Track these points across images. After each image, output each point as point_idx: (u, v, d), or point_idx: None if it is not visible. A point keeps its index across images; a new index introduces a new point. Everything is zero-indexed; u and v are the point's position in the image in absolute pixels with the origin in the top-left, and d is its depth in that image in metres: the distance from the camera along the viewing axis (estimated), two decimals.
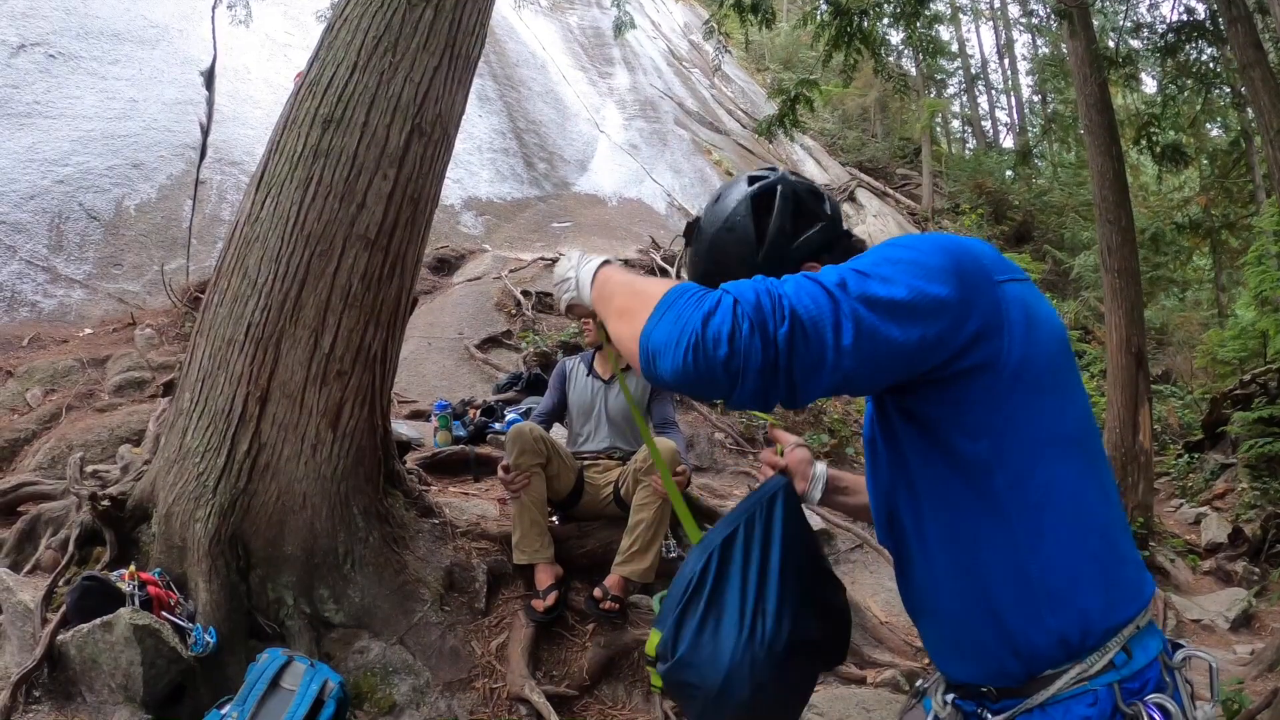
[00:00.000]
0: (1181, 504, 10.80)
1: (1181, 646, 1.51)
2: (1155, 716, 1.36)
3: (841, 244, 1.77)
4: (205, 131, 11.37)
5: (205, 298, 4.37)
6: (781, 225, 1.73)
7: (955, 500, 1.45)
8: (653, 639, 1.75)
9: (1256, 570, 8.49)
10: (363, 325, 4.17)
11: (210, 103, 11.82)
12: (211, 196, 10.69)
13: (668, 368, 1.27)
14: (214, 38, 12.64)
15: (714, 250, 1.76)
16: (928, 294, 1.28)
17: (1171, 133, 12.77)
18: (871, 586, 5.90)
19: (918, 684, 1.84)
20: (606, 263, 1.64)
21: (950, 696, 1.60)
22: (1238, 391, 11.62)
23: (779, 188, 1.77)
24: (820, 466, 2.12)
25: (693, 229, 1.85)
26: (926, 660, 5.11)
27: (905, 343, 1.27)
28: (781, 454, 2.10)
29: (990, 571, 1.44)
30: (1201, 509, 10.22)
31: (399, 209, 4.24)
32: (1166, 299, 21.24)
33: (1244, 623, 7.34)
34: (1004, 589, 1.43)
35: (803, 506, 1.85)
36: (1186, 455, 12.31)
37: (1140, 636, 1.43)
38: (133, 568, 3.76)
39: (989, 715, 1.50)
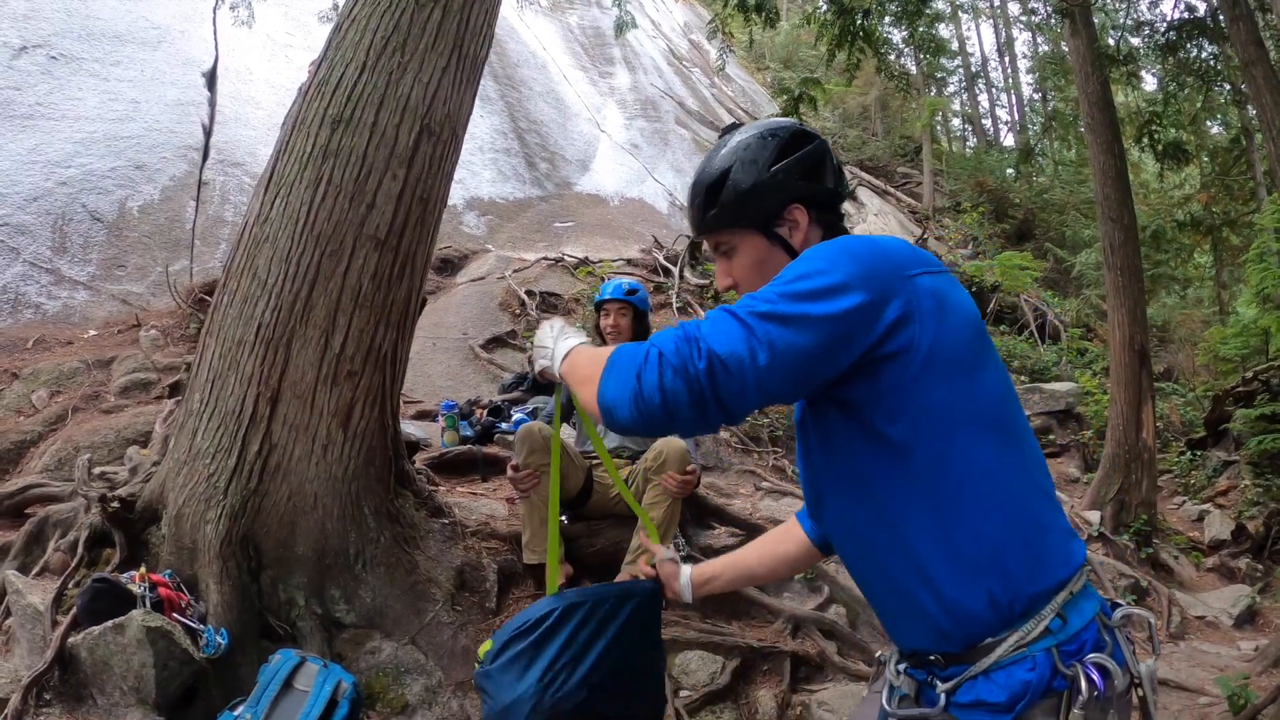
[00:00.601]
0: (1184, 501, 10.77)
1: (1119, 606, 1.62)
2: (1094, 676, 1.47)
3: (828, 208, 1.88)
4: (208, 133, 11.38)
5: (214, 298, 4.36)
6: (796, 165, 1.81)
7: (880, 479, 1.57)
8: (486, 645, 2.16)
9: (1260, 567, 8.47)
10: (373, 325, 4.16)
11: (212, 104, 11.82)
12: (214, 198, 10.69)
13: (621, 418, 1.50)
14: (215, 39, 12.64)
15: (730, 156, 1.84)
16: (834, 304, 1.45)
17: (1172, 130, 12.76)
18: None
19: (879, 655, 1.92)
20: (582, 343, 1.81)
21: (903, 666, 1.72)
22: (1240, 389, 11.58)
23: (817, 140, 1.87)
24: (685, 572, 2.29)
25: (733, 128, 1.94)
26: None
27: (817, 352, 1.46)
28: (654, 565, 2.35)
29: (919, 545, 1.55)
30: (1204, 506, 10.18)
31: (409, 209, 4.23)
32: (1168, 296, 21.23)
33: (1248, 619, 7.34)
34: (934, 561, 1.54)
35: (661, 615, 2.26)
36: (1189, 453, 12.26)
37: (1074, 601, 1.54)
38: (143, 569, 3.74)
39: (938, 682, 1.60)
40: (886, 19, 10.44)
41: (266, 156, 4.65)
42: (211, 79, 12.14)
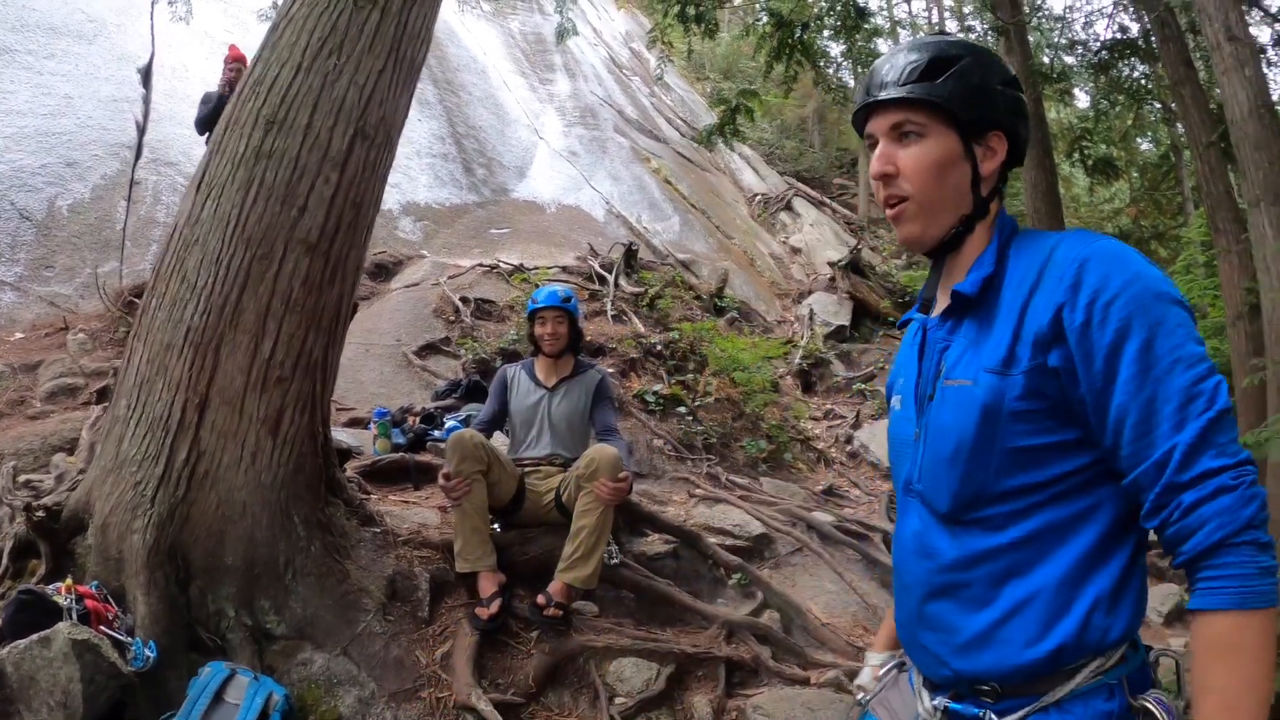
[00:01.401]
0: None
1: (1150, 648, 1.55)
2: (1163, 711, 1.42)
3: (1013, 161, 1.72)
4: (141, 130, 11.14)
5: (143, 301, 4.28)
6: (1018, 101, 1.69)
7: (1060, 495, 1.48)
8: None
9: None
10: (303, 331, 4.12)
11: (147, 101, 11.58)
12: (146, 197, 10.46)
13: None
14: (153, 34, 12.39)
15: (962, 47, 1.66)
16: None
17: (1103, 146, 13.05)
18: (812, 589, 5.95)
19: (879, 662, 1.97)
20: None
21: (940, 701, 1.61)
22: None
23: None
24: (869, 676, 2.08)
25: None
26: None
27: None
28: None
29: (1059, 566, 1.46)
30: None
31: (341, 213, 4.20)
32: None
33: (1177, 617, 7.53)
34: (1065, 585, 1.45)
35: None
36: None
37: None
38: (69, 580, 3.65)
39: (992, 715, 1.51)
40: (825, 32, 10.56)
41: (200, 156, 4.58)
42: (147, 75, 11.91)
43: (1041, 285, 1.47)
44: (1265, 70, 7.91)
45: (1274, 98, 8.41)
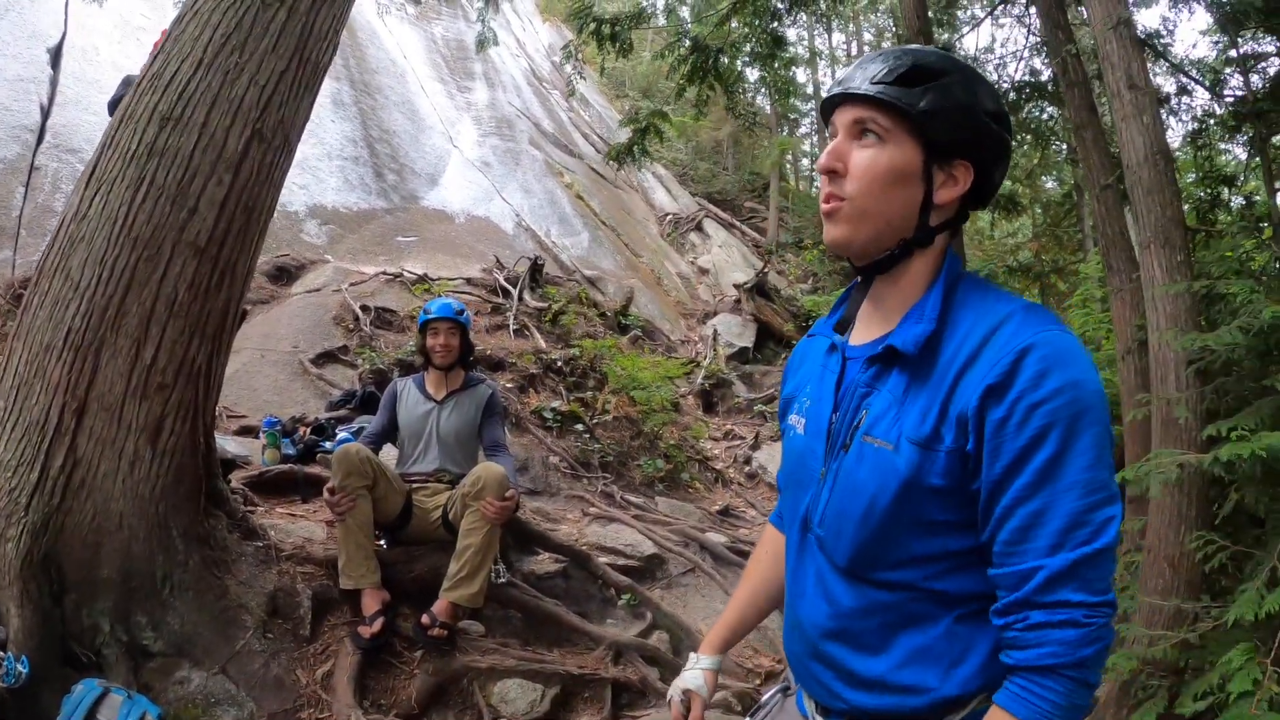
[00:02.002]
0: None
1: None
2: None
3: (977, 201, 1.65)
4: (45, 114, 10.67)
5: (25, 299, 4.10)
6: (1000, 136, 1.59)
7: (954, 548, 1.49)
8: None
9: None
10: (187, 337, 4.00)
11: (54, 83, 11.13)
12: (45, 185, 10.00)
13: None
14: (66, 13, 11.94)
15: (952, 63, 1.57)
16: None
17: (1008, 183, 13.43)
18: (703, 610, 5.97)
19: (772, 690, 1.94)
20: None
21: None
22: None
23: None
24: (695, 678, 2.04)
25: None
26: (759, 681, 5.21)
27: None
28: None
29: (950, 623, 1.49)
30: None
31: (232, 217, 4.09)
32: None
33: None
34: (956, 640, 1.48)
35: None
36: None
37: None
38: None
39: None
40: (742, 59, 10.68)
41: None
42: (56, 56, 11.45)
43: (978, 363, 1.41)
44: (1167, 119, 8.24)
45: (1176, 145, 8.77)
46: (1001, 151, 1.57)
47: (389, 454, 5.28)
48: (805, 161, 37.31)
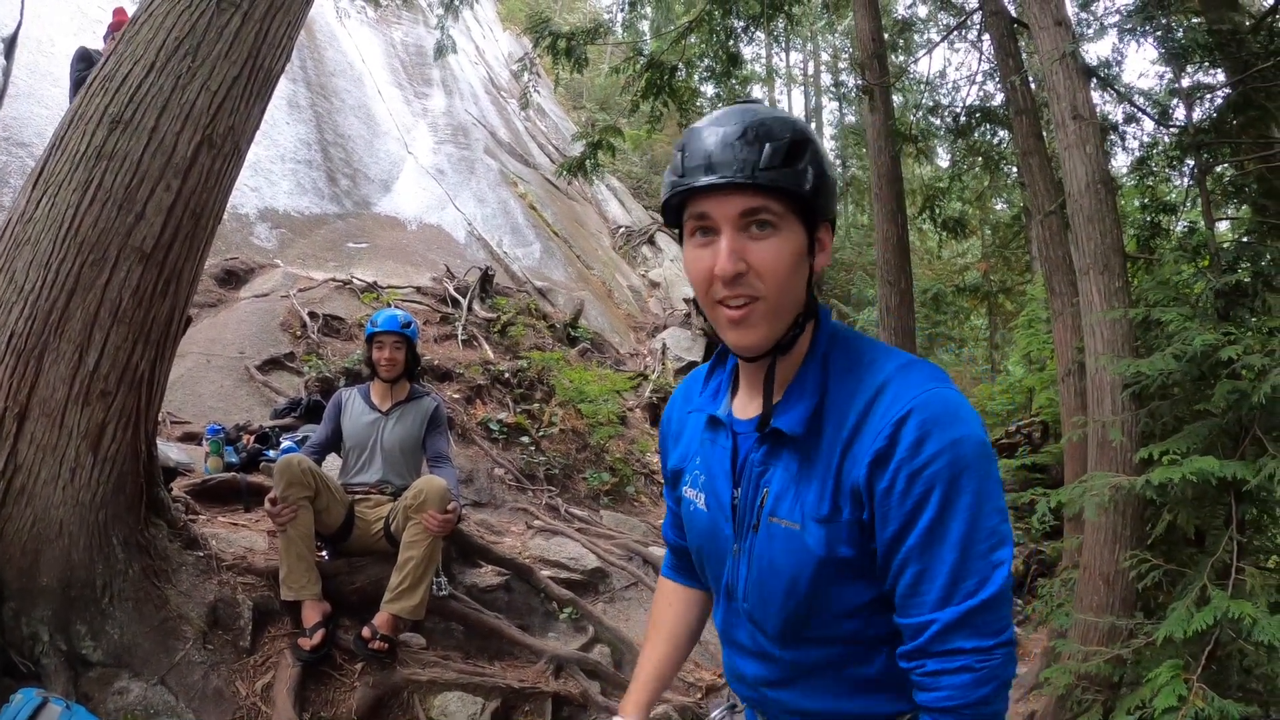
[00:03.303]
0: None
1: None
2: None
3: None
4: None
5: None
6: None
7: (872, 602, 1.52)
8: None
9: (1019, 602, 9.14)
10: (131, 343, 3.95)
11: (7, 74, 10.84)
12: None
13: None
14: (22, 3, 11.70)
15: (805, 131, 1.47)
16: None
17: (958, 204, 13.62)
18: (645, 624, 5.96)
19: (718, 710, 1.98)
20: None
21: None
22: (1004, 441, 12.54)
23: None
24: None
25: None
26: (700, 695, 5.24)
27: None
28: None
29: (891, 657, 1.51)
30: None
31: (179, 223, 4.05)
32: (944, 354, 22.57)
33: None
34: (898, 671, 1.50)
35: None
36: None
37: None
38: None
39: None
40: (698, 76, 10.77)
41: None
42: (10, 46, 11.20)
43: (861, 437, 1.42)
44: (1115, 147, 8.43)
45: (1123, 173, 8.97)
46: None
47: (333, 464, 5.25)
48: None
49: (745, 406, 1.64)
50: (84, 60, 8.10)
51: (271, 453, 6.30)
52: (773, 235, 1.41)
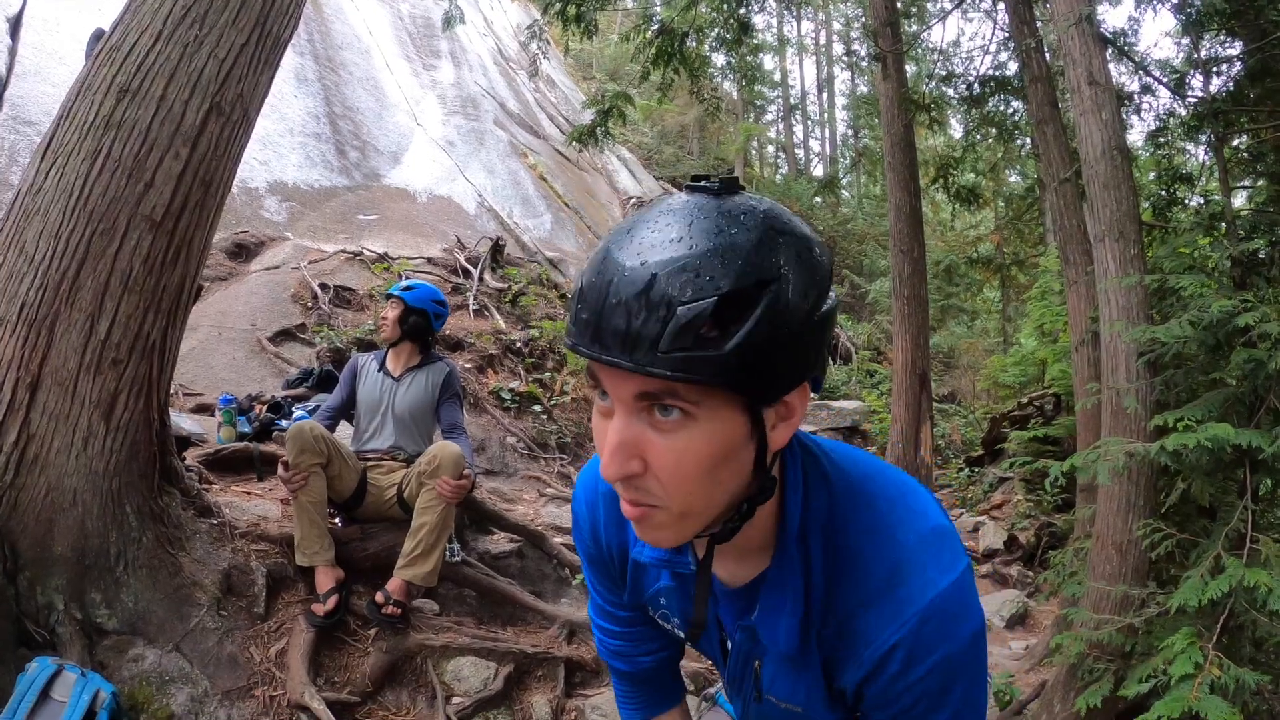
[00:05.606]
0: (962, 513, 11.50)
1: None
2: None
3: None
4: (3, 85, 10.49)
5: None
6: (831, 319, 1.10)
7: None
8: None
9: (1030, 574, 9.20)
10: (142, 312, 3.95)
11: (12, 53, 10.91)
12: (1, 158, 9.84)
13: None
14: None
15: (777, 254, 0.99)
16: None
17: (971, 175, 13.55)
18: None
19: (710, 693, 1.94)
20: None
21: None
22: (1016, 413, 12.55)
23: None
24: None
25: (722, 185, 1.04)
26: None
27: None
28: None
29: None
30: (980, 518, 10.92)
31: (189, 191, 4.04)
32: (956, 325, 22.57)
33: (1019, 621, 7.96)
34: None
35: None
36: (967, 469, 13.17)
37: None
38: None
39: None
40: (709, 44, 10.70)
41: None
42: (16, 25, 11.22)
43: (845, 663, 1.29)
44: (1130, 117, 8.34)
45: (1138, 143, 8.89)
46: (831, 330, 1.08)
47: (343, 432, 5.26)
48: (770, 149, 37.46)
49: (723, 568, 1.36)
50: (97, 39, 8.08)
51: (284, 422, 6.31)
52: (684, 427, 1.00)
